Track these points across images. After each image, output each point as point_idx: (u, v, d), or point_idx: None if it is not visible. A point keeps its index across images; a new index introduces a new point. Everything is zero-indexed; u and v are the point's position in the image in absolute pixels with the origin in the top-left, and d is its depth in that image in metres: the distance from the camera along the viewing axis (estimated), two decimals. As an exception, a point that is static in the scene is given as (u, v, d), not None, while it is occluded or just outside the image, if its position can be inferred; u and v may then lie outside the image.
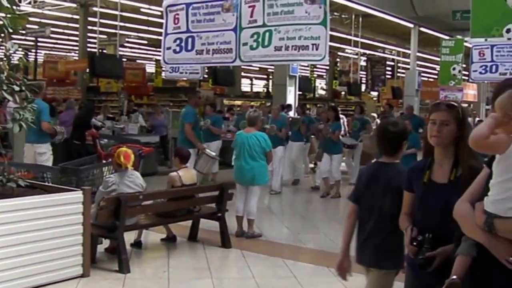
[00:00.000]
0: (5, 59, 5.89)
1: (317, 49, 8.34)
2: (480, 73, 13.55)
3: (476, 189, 2.94)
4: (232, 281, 6.88)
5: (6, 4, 5.74)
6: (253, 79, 53.05)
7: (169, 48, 10.01)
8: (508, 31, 7.92)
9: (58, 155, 12.50)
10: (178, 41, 9.88)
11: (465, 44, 18.22)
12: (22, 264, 5.69)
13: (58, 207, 6.07)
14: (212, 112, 13.91)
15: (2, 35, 5.88)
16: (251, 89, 51.32)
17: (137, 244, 7.73)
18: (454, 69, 17.67)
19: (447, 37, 19.85)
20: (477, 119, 22.60)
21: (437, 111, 3.32)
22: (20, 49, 6.14)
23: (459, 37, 19.27)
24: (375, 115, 22.47)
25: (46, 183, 6.87)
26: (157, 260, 7.35)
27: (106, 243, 7.39)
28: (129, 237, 7.37)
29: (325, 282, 6.69)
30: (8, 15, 5.81)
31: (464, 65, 18.12)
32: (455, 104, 3.40)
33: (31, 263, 5.78)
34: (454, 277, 2.93)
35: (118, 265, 6.70)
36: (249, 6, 8.99)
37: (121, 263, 6.68)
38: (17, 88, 5.91)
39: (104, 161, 9.08)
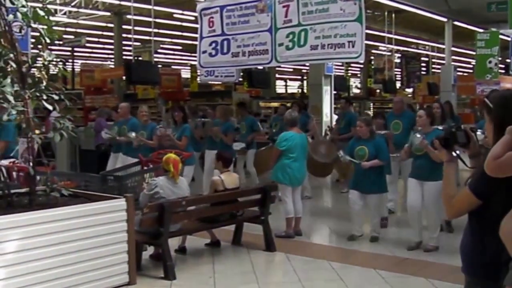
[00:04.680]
0: (43, 68, 5.90)
1: (353, 47, 8.26)
2: (524, 65, 13.23)
3: None
4: (278, 285, 6.81)
5: (42, 14, 5.76)
6: (287, 80, 52.76)
7: (204, 52, 9.99)
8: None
9: (99, 163, 12.58)
10: (213, 45, 9.85)
11: (501, 36, 17.83)
12: (68, 274, 5.67)
13: (103, 215, 6.05)
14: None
15: (40, 46, 5.90)
16: (286, 90, 51.04)
17: (182, 250, 7.69)
18: (490, 62, 17.28)
19: (481, 30, 19.42)
20: None
21: None
22: (58, 59, 6.13)
23: (494, 29, 18.84)
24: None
25: (89, 192, 6.84)
26: (203, 265, 7.29)
27: (150, 249, 7.37)
28: (173, 243, 7.31)
29: (374, 285, 6.58)
30: (45, 26, 5.82)
31: (500, 58, 17.70)
32: None
33: (77, 273, 5.75)
34: None
35: (163, 272, 6.66)
36: (283, 6, 8.94)
37: (166, 270, 6.65)
38: (56, 98, 5.93)
39: (145, 168, 9.05)
